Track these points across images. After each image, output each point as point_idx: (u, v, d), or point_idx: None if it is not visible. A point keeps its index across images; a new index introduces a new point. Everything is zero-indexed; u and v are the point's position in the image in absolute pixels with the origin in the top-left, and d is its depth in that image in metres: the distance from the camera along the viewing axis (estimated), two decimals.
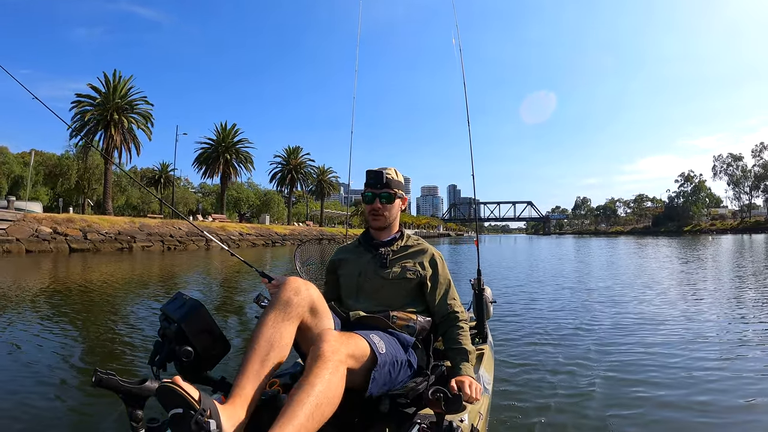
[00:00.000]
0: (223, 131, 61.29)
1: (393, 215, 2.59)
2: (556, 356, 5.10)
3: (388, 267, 2.49)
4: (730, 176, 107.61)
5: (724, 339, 5.70)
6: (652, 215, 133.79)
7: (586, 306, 8.38)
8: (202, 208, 70.13)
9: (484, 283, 3.82)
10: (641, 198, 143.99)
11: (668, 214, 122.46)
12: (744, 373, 4.34)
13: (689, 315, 7.32)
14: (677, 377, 4.34)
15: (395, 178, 2.57)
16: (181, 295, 2.06)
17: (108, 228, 32.76)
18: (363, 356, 1.93)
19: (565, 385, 4.14)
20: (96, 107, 44.60)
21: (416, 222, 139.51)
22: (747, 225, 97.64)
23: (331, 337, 1.83)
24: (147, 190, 12.04)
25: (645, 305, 8.33)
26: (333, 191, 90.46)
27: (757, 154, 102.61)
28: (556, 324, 6.72)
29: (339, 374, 1.75)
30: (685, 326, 6.49)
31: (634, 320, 6.97)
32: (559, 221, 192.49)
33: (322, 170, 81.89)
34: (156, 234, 35.90)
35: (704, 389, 4.01)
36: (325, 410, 1.66)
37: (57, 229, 29.09)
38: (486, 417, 2.44)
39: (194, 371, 1.94)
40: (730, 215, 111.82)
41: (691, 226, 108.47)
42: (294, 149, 75.67)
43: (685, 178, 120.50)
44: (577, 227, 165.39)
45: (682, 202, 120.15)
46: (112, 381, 1.62)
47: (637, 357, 5.05)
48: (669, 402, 3.74)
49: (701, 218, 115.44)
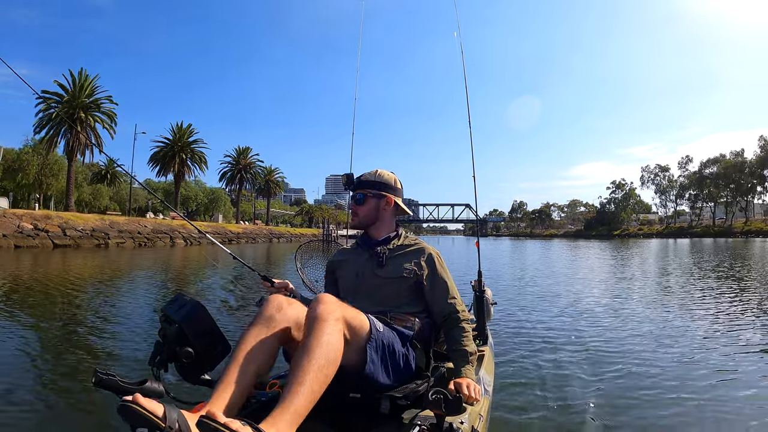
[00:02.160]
0: (179, 131, 62.72)
1: (369, 215, 2.61)
2: (556, 357, 5.21)
3: (383, 266, 2.50)
4: (657, 185, 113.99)
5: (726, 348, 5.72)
6: (585, 219, 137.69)
7: (578, 307, 8.76)
8: (152, 205, 70.61)
9: (484, 285, 3.89)
10: (575, 203, 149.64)
11: (600, 219, 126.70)
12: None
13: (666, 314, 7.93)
14: (677, 380, 4.45)
15: (370, 179, 2.62)
16: (182, 295, 2.10)
17: (83, 225, 36.39)
18: (360, 327, 2.00)
19: (566, 386, 4.24)
20: (62, 105, 45.94)
21: None
22: (672, 230, 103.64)
23: (328, 299, 1.90)
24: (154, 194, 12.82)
25: (634, 307, 8.81)
26: (278, 190, 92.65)
27: (683, 166, 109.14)
28: (553, 327, 6.93)
29: (337, 333, 1.82)
30: (674, 325, 7.03)
31: (634, 322, 7.30)
32: (496, 224, 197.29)
33: (269, 170, 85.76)
34: (126, 231, 39.13)
35: (701, 393, 4.09)
36: (328, 371, 1.72)
37: (38, 225, 32.50)
38: (486, 419, 2.41)
39: (195, 372, 2.00)
40: (657, 221, 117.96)
41: (620, 231, 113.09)
42: (244, 149, 79.25)
43: (617, 185, 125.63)
44: (513, 230, 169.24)
45: (613, 207, 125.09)
46: (112, 381, 1.65)
47: (638, 357, 5.21)
48: (669, 402, 3.85)
49: (630, 223, 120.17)
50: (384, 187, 2.62)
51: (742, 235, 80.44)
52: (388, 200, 2.61)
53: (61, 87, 46.69)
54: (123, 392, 1.62)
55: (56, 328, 6.82)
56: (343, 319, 1.88)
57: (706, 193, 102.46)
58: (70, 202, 46.36)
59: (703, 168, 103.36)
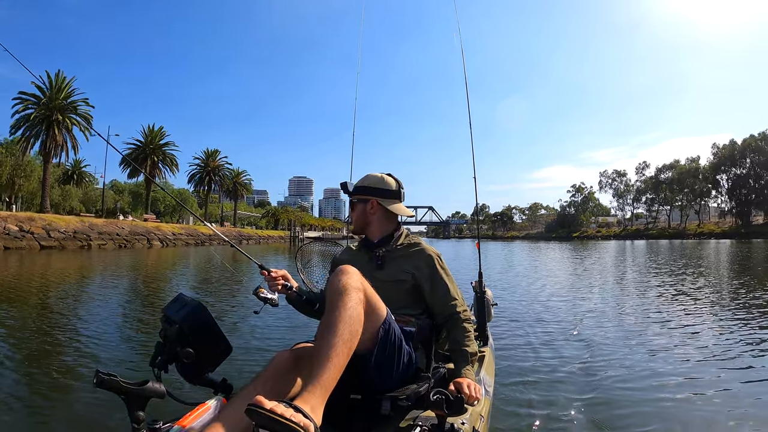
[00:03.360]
0: (150, 133, 63.32)
1: (358, 220, 2.65)
2: (557, 359, 5.25)
3: (382, 268, 2.50)
4: (614, 189, 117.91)
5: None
6: (546, 222, 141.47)
7: (580, 309, 8.87)
8: (121, 206, 70.23)
9: (485, 285, 3.88)
10: (536, 206, 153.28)
11: (560, 221, 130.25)
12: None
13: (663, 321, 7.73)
14: (678, 378, 4.52)
15: (357, 185, 2.66)
16: (182, 296, 2.08)
17: (65, 227, 37.20)
18: (377, 306, 1.99)
19: (566, 387, 4.28)
20: (40, 107, 46.13)
21: (321, 224, 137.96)
22: (629, 232, 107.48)
23: (350, 269, 1.92)
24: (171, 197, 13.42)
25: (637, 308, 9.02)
26: (246, 193, 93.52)
27: (640, 171, 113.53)
28: (552, 327, 7.00)
29: (360, 305, 1.83)
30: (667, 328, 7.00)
31: (634, 324, 7.37)
32: (459, 226, 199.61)
33: (237, 173, 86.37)
34: (105, 233, 40.14)
35: (703, 394, 4.12)
36: (352, 343, 1.74)
37: (22, 227, 33.16)
38: (487, 419, 2.41)
39: (196, 373, 1.98)
40: (616, 224, 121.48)
41: (579, 233, 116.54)
42: (212, 152, 78.92)
43: (576, 189, 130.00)
44: (475, 232, 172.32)
45: (573, 211, 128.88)
46: (114, 382, 1.64)
47: (637, 359, 5.28)
48: (667, 403, 3.89)
49: (589, 225, 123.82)
50: (368, 191, 2.63)
51: (695, 237, 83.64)
52: (372, 203, 2.62)
53: (38, 88, 46.79)
54: (124, 393, 1.66)
55: (57, 328, 6.81)
56: (363, 291, 1.88)
57: (662, 197, 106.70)
58: (46, 204, 46.47)
59: (659, 173, 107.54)
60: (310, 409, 1.44)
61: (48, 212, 43.80)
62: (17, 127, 46.60)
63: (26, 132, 46.80)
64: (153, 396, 1.71)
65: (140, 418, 1.67)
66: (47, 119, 45.96)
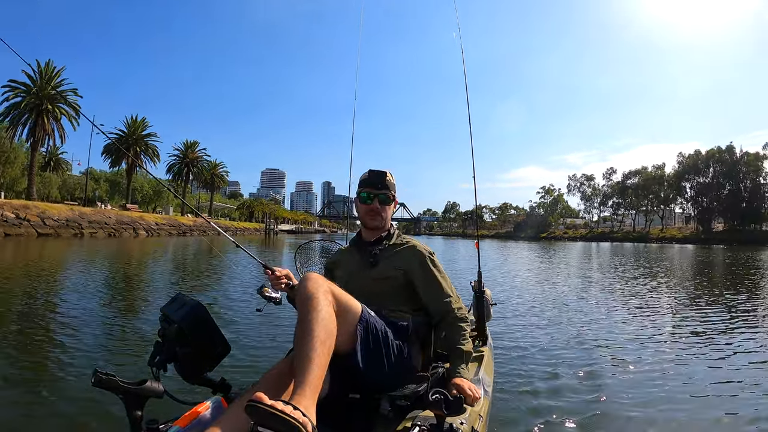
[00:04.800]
0: (133, 124, 63.80)
1: (389, 216, 2.61)
2: (556, 359, 5.23)
3: (375, 266, 2.50)
4: (582, 193, 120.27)
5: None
6: (515, 222, 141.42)
7: (580, 308, 9.03)
8: (99, 195, 70.64)
9: (484, 285, 3.89)
10: (506, 206, 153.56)
11: (528, 222, 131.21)
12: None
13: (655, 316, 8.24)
14: (677, 381, 4.55)
15: (392, 181, 2.58)
16: (181, 295, 2.09)
17: (57, 215, 37.99)
18: (348, 305, 2.02)
19: (565, 386, 4.31)
20: (29, 96, 46.53)
21: (293, 217, 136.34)
22: (594, 234, 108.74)
23: (313, 275, 1.95)
24: (167, 187, 14.33)
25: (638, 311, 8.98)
26: (222, 184, 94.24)
27: (607, 176, 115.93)
28: (552, 328, 7.06)
29: (328, 306, 1.85)
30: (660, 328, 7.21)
31: (634, 323, 7.47)
32: (430, 223, 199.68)
33: (214, 164, 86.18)
34: (95, 222, 40.73)
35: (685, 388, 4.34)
36: (330, 342, 1.76)
37: (18, 214, 33.95)
38: (486, 419, 2.38)
39: (194, 372, 1.99)
40: (583, 225, 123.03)
41: (546, 233, 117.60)
42: (192, 143, 79.10)
43: (546, 191, 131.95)
44: (446, 229, 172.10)
45: (542, 212, 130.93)
46: (112, 381, 1.64)
47: (636, 358, 5.30)
48: (666, 403, 3.94)
49: (557, 227, 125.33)
50: (396, 190, 2.62)
51: (658, 241, 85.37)
52: (396, 203, 2.64)
53: (28, 77, 47.14)
54: (123, 392, 1.67)
55: (55, 325, 6.70)
56: (331, 293, 1.91)
57: (628, 202, 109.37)
58: (32, 191, 46.86)
59: (626, 179, 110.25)
60: (304, 409, 1.46)
61: (34, 199, 44.27)
62: (5, 114, 47.13)
63: (14, 120, 47.13)
64: (151, 395, 1.73)
65: (139, 417, 1.70)
66: (36, 108, 46.18)
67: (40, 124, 46.84)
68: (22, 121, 47.21)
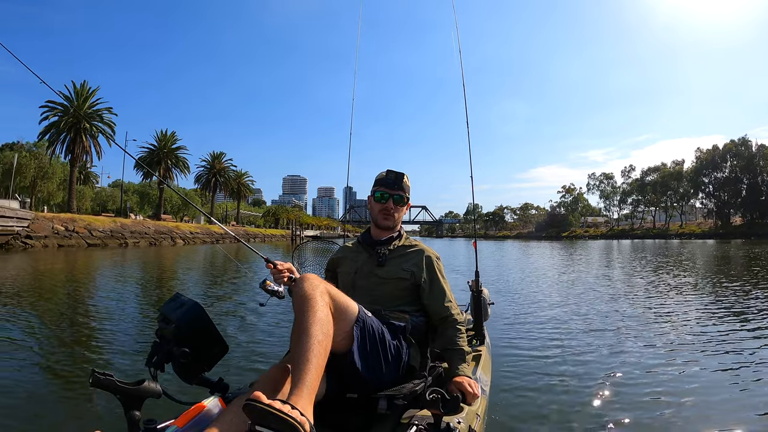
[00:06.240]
0: (163, 137, 65.63)
1: (401, 218, 2.65)
2: (554, 358, 5.21)
3: (383, 266, 2.53)
4: (601, 191, 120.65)
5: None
6: (536, 222, 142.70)
7: (580, 307, 8.86)
8: (130, 206, 72.44)
9: (481, 285, 3.86)
10: (527, 206, 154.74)
11: (550, 221, 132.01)
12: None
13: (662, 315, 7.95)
14: (673, 379, 4.47)
15: (407, 183, 2.62)
16: (179, 295, 2.07)
17: (102, 226, 39.83)
18: (345, 306, 2.00)
19: (563, 387, 4.25)
20: (68, 116, 48.19)
21: (316, 223, 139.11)
22: (614, 232, 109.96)
23: (310, 276, 1.95)
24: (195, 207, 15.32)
25: (627, 306, 8.97)
26: (248, 193, 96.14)
27: (626, 174, 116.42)
28: (553, 327, 6.97)
29: (325, 307, 1.84)
30: (667, 327, 6.98)
31: (630, 324, 7.23)
32: (452, 225, 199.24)
33: (240, 174, 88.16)
34: (136, 232, 43.22)
35: (691, 390, 4.15)
36: (327, 343, 1.75)
37: (67, 227, 35.51)
38: (483, 418, 2.38)
39: (192, 372, 1.97)
40: (604, 224, 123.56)
41: (568, 232, 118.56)
42: (218, 155, 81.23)
43: (567, 190, 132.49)
44: (468, 231, 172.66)
45: (563, 211, 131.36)
46: (110, 382, 1.63)
47: (635, 358, 5.21)
48: (666, 404, 3.85)
49: (578, 225, 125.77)
50: (409, 192, 2.67)
51: (677, 237, 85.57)
52: (409, 205, 2.69)
53: (65, 98, 48.95)
54: (120, 392, 1.66)
55: (51, 326, 6.76)
56: (327, 294, 1.91)
57: (647, 199, 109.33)
58: (72, 205, 48.16)
59: (645, 176, 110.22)
60: (301, 409, 1.46)
61: (74, 212, 45.72)
62: (45, 133, 48.92)
63: (53, 138, 48.95)
64: (149, 396, 1.72)
65: (136, 417, 1.68)
66: (74, 126, 47.88)
67: (78, 141, 48.63)
68: (60, 139, 48.76)
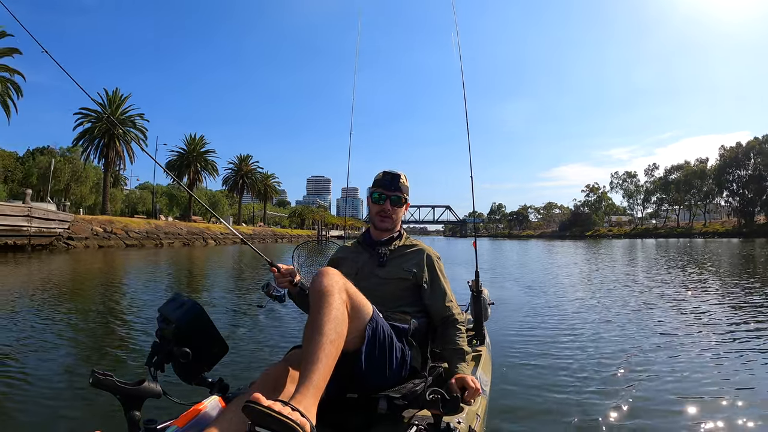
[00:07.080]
0: (192, 141, 67.05)
1: (399, 218, 2.62)
2: (553, 358, 5.15)
3: (384, 266, 2.51)
4: (624, 190, 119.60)
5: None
6: (560, 221, 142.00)
7: (582, 307, 8.74)
8: (160, 208, 73.70)
9: (482, 285, 3.84)
10: (550, 205, 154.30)
11: (574, 220, 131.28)
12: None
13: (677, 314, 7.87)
14: (674, 380, 4.38)
15: (405, 184, 2.60)
16: (179, 295, 2.06)
17: (138, 228, 41.23)
18: (361, 306, 1.96)
19: (563, 387, 4.19)
20: (101, 122, 49.24)
21: (341, 223, 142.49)
22: (638, 231, 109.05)
23: (331, 271, 1.90)
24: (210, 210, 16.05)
25: (633, 305, 8.84)
26: (274, 195, 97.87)
27: (649, 173, 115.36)
28: (552, 326, 6.95)
29: (343, 306, 1.81)
30: (680, 324, 6.99)
31: (629, 323, 7.14)
32: (476, 225, 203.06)
33: (266, 176, 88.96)
34: (169, 233, 44.56)
35: (696, 384, 4.20)
36: (339, 343, 1.72)
37: (106, 228, 36.89)
38: (483, 418, 2.37)
39: (192, 372, 1.98)
40: (628, 222, 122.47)
41: (592, 231, 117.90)
42: (245, 157, 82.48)
43: (590, 189, 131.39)
44: (492, 231, 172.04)
45: (587, 210, 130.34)
46: (110, 382, 1.63)
47: (635, 358, 5.15)
48: (668, 404, 3.80)
49: (602, 224, 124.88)
50: (408, 192, 2.66)
51: (701, 236, 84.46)
52: (408, 205, 2.67)
53: (99, 105, 48.43)
54: (120, 392, 1.65)
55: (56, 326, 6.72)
56: (345, 291, 1.87)
57: (671, 197, 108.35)
58: (107, 207, 50.06)
59: (668, 174, 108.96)
60: (303, 409, 1.44)
61: (108, 215, 47.29)
62: (80, 138, 50.57)
63: (86, 144, 50.58)
64: (149, 396, 1.71)
65: (136, 418, 1.67)
66: (107, 132, 48.96)
67: (112, 146, 49.69)
68: (95, 145, 50.36)
